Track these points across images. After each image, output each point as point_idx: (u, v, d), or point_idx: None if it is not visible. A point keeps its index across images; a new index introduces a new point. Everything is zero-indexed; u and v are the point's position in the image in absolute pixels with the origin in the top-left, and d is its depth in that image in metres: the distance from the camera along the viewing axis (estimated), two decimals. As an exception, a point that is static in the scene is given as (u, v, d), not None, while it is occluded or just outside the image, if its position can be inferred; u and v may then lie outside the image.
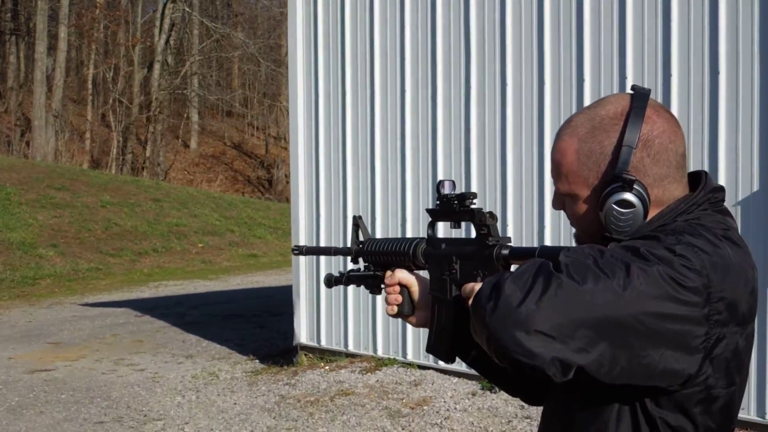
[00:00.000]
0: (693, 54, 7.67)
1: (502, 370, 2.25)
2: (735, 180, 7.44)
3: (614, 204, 1.92)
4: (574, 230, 2.14)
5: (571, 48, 8.46)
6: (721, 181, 7.45)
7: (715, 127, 7.53)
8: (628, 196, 1.92)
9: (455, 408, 8.49)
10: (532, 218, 8.79)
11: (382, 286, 2.48)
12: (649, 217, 1.96)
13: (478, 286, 1.93)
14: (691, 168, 6.22)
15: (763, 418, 7.41)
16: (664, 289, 1.73)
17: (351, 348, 10.41)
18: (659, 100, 7.75)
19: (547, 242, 8.57)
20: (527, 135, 8.80)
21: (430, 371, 9.53)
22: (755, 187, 7.35)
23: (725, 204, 2.05)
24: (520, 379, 2.33)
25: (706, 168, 7.51)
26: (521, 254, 2.08)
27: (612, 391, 1.88)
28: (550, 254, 1.88)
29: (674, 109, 7.70)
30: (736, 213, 7.42)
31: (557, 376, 1.74)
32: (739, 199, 7.42)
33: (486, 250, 2.15)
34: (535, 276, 1.75)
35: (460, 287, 2.20)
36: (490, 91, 9.09)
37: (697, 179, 2.06)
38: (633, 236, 1.92)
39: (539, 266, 1.79)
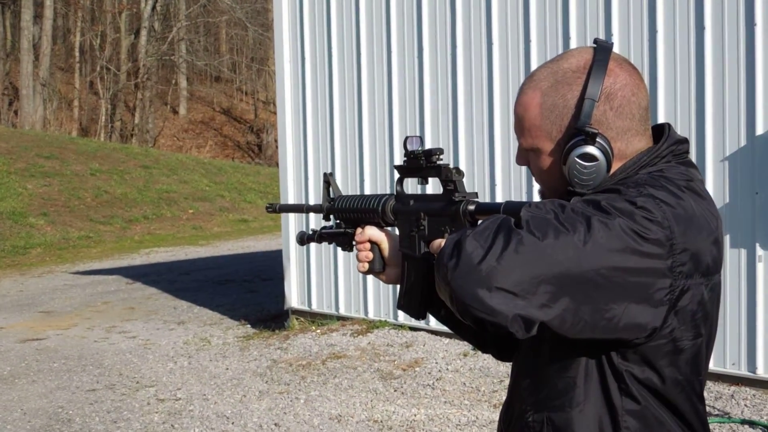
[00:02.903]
0: (678, 10, 7.64)
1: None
2: (722, 135, 7.43)
3: (577, 157, 1.91)
4: (538, 186, 2.13)
5: (557, 6, 8.42)
6: (708, 137, 7.46)
7: (701, 83, 7.51)
8: (591, 149, 1.91)
9: (447, 369, 8.51)
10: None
11: (353, 243, 2.47)
12: (612, 171, 1.95)
13: (444, 242, 1.93)
14: (678, 124, 6.17)
15: (754, 372, 7.44)
16: (625, 242, 1.72)
17: (342, 311, 10.42)
18: (645, 56, 7.74)
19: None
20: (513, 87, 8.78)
21: (422, 332, 9.55)
22: (742, 143, 7.35)
23: (689, 156, 2.04)
24: (489, 335, 2.35)
25: (693, 125, 7.51)
26: (487, 210, 2.08)
27: (578, 346, 1.89)
28: (515, 210, 1.87)
29: (661, 66, 7.69)
30: (724, 168, 7.42)
31: (520, 333, 1.74)
32: (727, 154, 7.42)
33: (453, 206, 2.14)
34: (496, 233, 1.75)
35: (429, 243, 2.21)
36: (477, 49, 9.05)
37: (661, 132, 2.05)
38: (596, 190, 1.91)
39: (500, 223, 1.78)
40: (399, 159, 9.65)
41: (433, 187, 2.43)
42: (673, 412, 1.94)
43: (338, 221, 2.57)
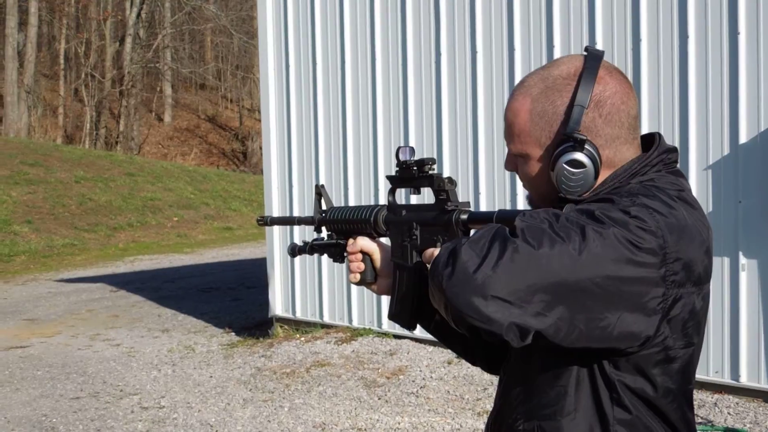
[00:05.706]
0: (662, 18, 7.66)
1: (462, 338, 2.25)
2: (706, 144, 7.46)
3: (565, 164, 1.92)
4: (527, 192, 2.14)
5: (541, 15, 8.44)
6: (692, 145, 7.48)
7: (685, 91, 7.54)
8: (579, 155, 1.91)
9: (431, 377, 8.51)
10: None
11: (345, 254, 2.47)
12: (600, 178, 1.97)
13: (438, 251, 1.92)
14: (662, 132, 6.21)
15: (737, 380, 7.46)
16: (620, 252, 1.73)
17: (326, 319, 10.41)
18: (629, 64, 7.76)
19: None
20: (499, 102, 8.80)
21: (406, 340, 9.55)
22: (726, 151, 7.37)
23: (678, 165, 2.04)
24: (480, 347, 2.34)
25: (676, 133, 7.53)
26: (480, 219, 2.08)
27: (570, 355, 1.89)
28: (508, 218, 1.88)
29: (644, 75, 7.71)
30: (707, 177, 7.44)
31: (515, 341, 1.74)
32: (710, 163, 7.44)
33: (445, 216, 2.15)
34: (491, 241, 1.75)
35: (421, 253, 2.21)
36: (461, 58, 9.07)
37: (651, 141, 2.05)
38: (589, 199, 1.92)
39: (495, 231, 1.78)
40: (384, 167, 9.65)
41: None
42: (663, 421, 1.95)
43: (330, 232, 2.57)
